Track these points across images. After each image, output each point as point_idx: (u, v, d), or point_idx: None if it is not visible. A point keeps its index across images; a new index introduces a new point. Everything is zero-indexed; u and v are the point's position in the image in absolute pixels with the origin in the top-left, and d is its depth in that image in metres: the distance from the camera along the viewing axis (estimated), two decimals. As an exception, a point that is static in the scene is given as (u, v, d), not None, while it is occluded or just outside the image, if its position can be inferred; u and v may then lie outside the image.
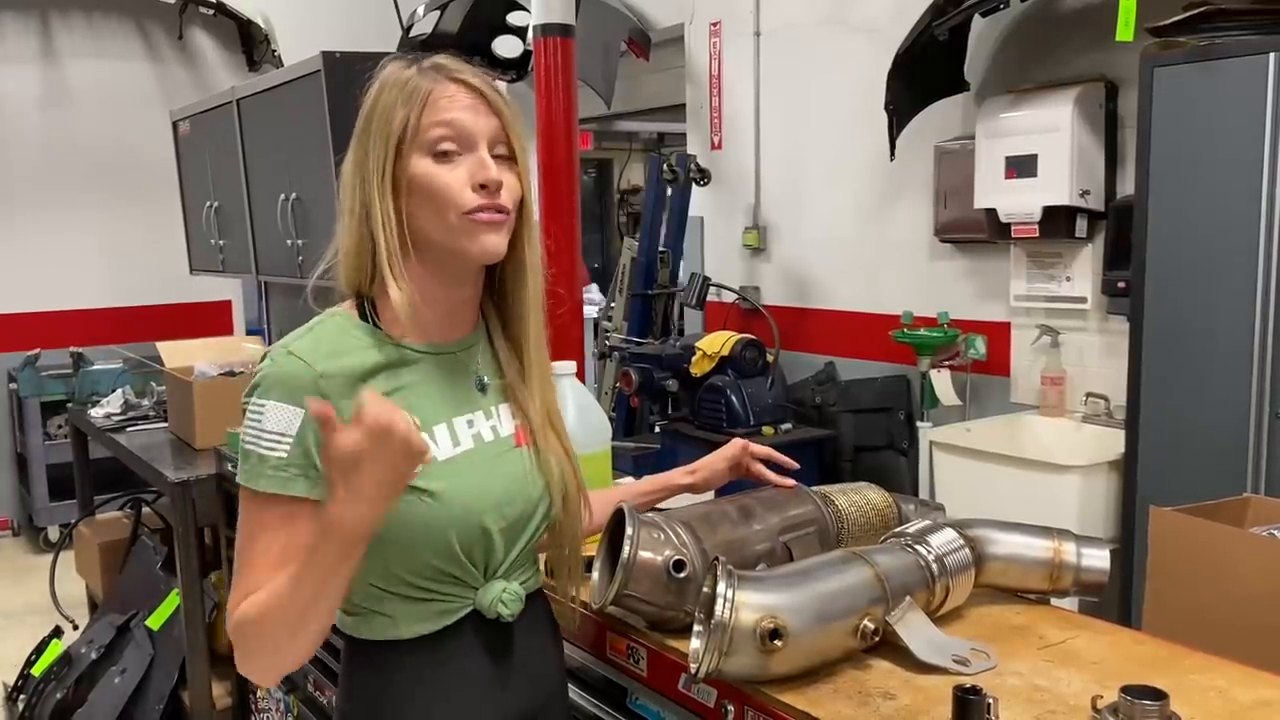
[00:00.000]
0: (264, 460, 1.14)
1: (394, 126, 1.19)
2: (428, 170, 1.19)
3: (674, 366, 3.98)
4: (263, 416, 1.14)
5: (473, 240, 1.20)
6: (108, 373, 4.13)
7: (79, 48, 5.92)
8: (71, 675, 3.16)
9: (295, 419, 1.14)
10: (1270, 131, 2.54)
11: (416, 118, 1.18)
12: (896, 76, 3.57)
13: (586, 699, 1.51)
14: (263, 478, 1.14)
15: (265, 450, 1.14)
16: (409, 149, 1.19)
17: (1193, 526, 1.71)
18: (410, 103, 1.19)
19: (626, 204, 9.28)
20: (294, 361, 1.16)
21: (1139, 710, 1.07)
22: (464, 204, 1.19)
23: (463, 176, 1.19)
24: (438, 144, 1.19)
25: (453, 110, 1.19)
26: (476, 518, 1.22)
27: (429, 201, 1.19)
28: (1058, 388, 3.48)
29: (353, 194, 1.22)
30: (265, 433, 1.14)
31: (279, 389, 1.15)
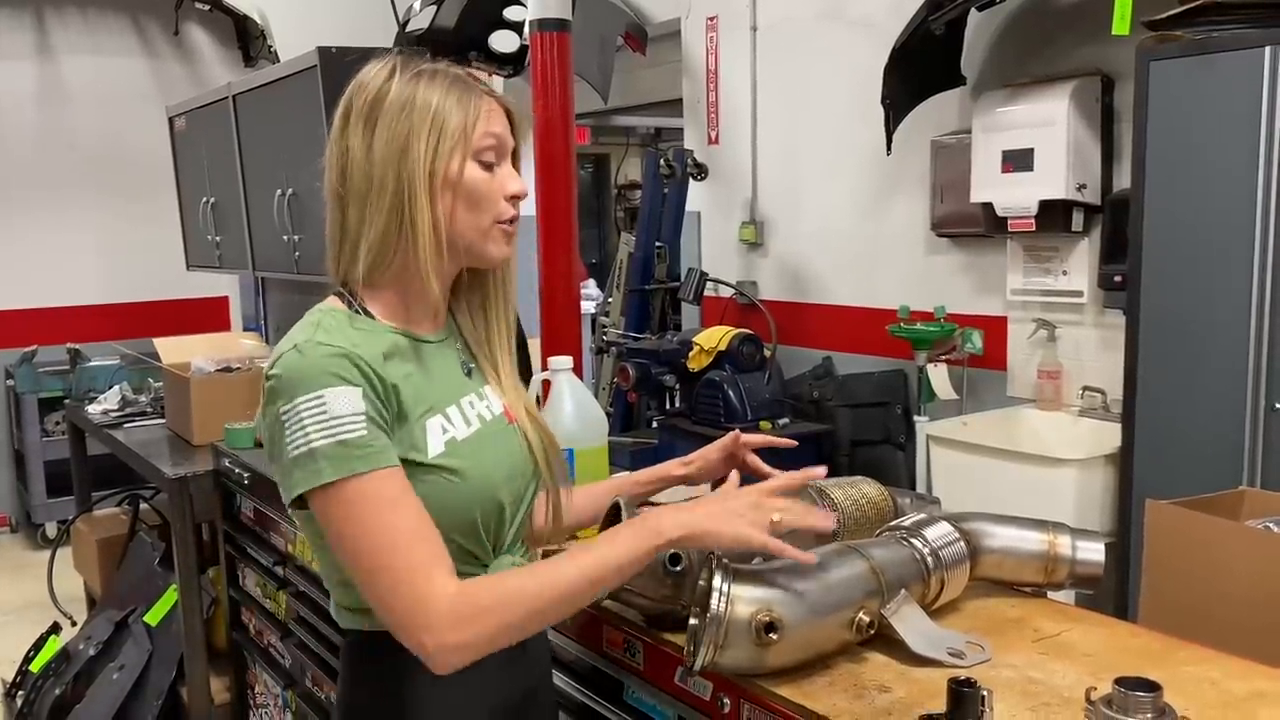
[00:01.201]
0: (348, 445, 1.11)
1: (450, 128, 1.22)
2: (476, 175, 1.24)
3: (671, 362, 3.98)
4: (326, 405, 1.12)
5: (497, 246, 1.28)
6: (105, 369, 4.13)
7: (74, 43, 5.91)
8: (70, 671, 3.16)
9: (356, 396, 1.13)
10: (1266, 125, 2.55)
11: (473, 125, 1.23)
12: (893, 71, 3.57)
13: (583, 692, 1.52)
14: (358, 460, 1.11)
15: (347, 434, 1.11)
16: (457, 152, 1.22)
17: (1189, 520, 1.71)
18: (466, 110, 1.23)
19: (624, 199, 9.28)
20: (325, 347, 1.15)
21: (1133, 702, 1.07)
22: (502, 213, 1.27)
23: (498, 186, 1.26)
24: (485, 153, 1.25)
25: (498, 124, 1.27)
26: (494, 493, 1.26)
27: (474, 205, 1.24)
28: (1054, 381, 3.48)
29: (382, 185, 1.21)
30: (337, 419, 1.11)
31: (329, 375, 1.13)
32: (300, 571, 2.46)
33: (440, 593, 1.10)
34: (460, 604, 1.10)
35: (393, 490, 1.13)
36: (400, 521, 1.12)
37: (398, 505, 1.13)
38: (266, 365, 1.18)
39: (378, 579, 1.11)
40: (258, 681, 2.84)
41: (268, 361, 1.19)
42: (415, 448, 1.19)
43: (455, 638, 1.09)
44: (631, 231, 4.74)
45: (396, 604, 1.10)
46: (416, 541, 1.12)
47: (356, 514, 1.11)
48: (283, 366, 1.14)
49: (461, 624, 1.09)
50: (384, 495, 1.12)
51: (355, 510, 1.11)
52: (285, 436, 1.12)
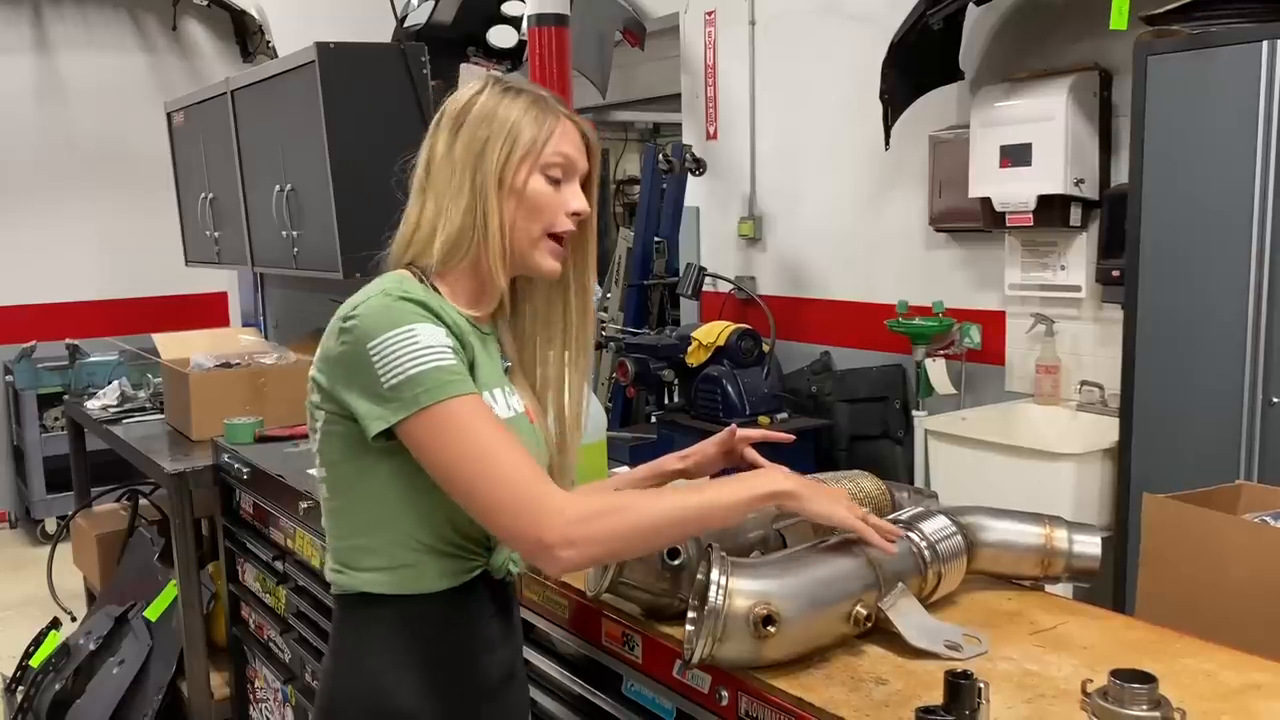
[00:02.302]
0: (443, 369, 1.19)
1: (522, 141, 1.31)
2: (540, 187, 1.32)
3: (670, 356, 3.98)
4: (417, 336, 1.19)
5: (544, 259, 1.34)
6: (104, 365, 4.13)
7: (72, 39, 5.90)
8: (70, 666, 3.16)
9: (442, 333, 1.22)
10: (1264, 120, 2.55)
11: (544, 141, 1.32)
12: (891, 65, 3.57)
13: (582, 686, 1.52)
14: (456, 384, 1.20)
15: (441, 360, 1.19)
16: (530, 165, 1.31)
17: (1186, 513, 1.72)
18: (539, 128, 1.32)
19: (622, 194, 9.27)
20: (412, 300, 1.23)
21: (1129, 694, 1.07)
22: (558, 225, 1.34)
23: (562, 202, 1.34)
24: (552, 167, 1.33)
25: (569, 145, 1.35)
26: None
27: (532, 214, 1.32)
28: (1052, 376, 3.49)
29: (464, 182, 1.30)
30: (429, 348, 1.19)
31: (416, 314, 1.22)
32: (299, 566, 2.46)
33: (558, 492, 1.18)
34: (580, 503, 1.17)
35: (487, 411, 1.22)
36: (503, 436, 1.20)
37: (496, 424, 1.21)
38: (345, 309, 1.25)
39: (494, 486, 1.17)
40: (258, 676, 2.85)
41: (346, 305, 1.25)
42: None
43: (576, 531, 1.15)
44: (630, 227, 4.74)
45: (516, 504, 1.16)
46: (522, 453, 1.19)
47: (462, 429, 1.18)
48: (368, 308, 1.22)
49: (582, 521, 1.15)
50: (482, 413, 1.21)
51: (460, 426, 1.18)
52: (376, 370, 1.19)
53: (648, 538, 1.23)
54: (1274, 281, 2.57)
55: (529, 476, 1.17)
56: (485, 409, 1.22)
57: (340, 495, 1.30)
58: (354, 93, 3.06)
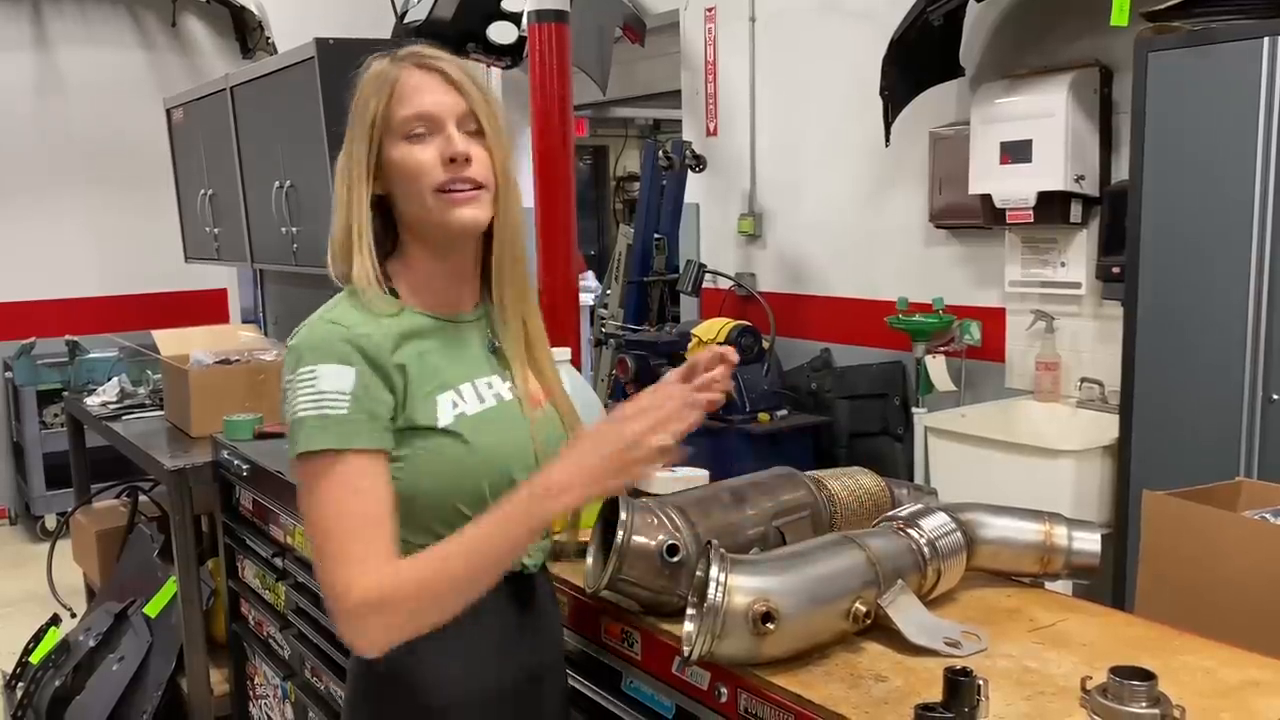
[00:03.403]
0: (329, 419, 1.17)
1: (369, 117, 1.26)
2: (404, 152, 1.25)
3: (670, 353, 3.98)
4: (316, 379, 1.18)
5: (449, 214, 1.26)
6: (104, 361, 4.13)
7: (71, 34, 5.89)
8: (69, 663, 3.16)
9: (348, 376, 1.18)
10: (1264, 116, 2.54)
11: (385, 105, 1.25)
12: (892, 62, 3.57)
13: (582, 682, 1.52)
14: (332, 435, 1.16)
15: (329, 409, 1.17)
16: (385, 137, 1.26)
17: (1186, 510, 1.72)
18: (380, 92, 1.26)
19: (622, 191, 9.28)
20: (333, 326, 1.22)
21: (1127, 691, 1.07)
22: (436, 180, 1.25)
23: (433, 154, 1.25)
24: (407, 127, 1.25)
25: (419, 94, 1.25)
26: (507, 468, 1.28)
27: (407, 182, 1.26)
28: (1052, 373, 3.48)
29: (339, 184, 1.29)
30: (324, 394, 1.17)
31: (327, 350, 1.20)
32: (299, 563, 2.46)
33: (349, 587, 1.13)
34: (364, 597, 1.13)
35: (357, 474, 1.17)
36: (351, 507, 1.16)
37: (356, 491, 1.16)
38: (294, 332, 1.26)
39: (318, 556, 1.16)
40: (257, 673, 2.85)
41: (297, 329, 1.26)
42: (424, 417, 1.24)
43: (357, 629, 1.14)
44: (630, 223, 4.74)
45: (324, 586, 1.16)
46: (360, 529, 1.15)
47: (317, 488, 1.17)
48: (299, 338, 1.23)
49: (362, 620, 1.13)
50: (346, 477, 1.16)
51: (317, 484, 1.17)
52: (285, 402, 1.20)
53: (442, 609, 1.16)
54: (1274, 279, 2.57)
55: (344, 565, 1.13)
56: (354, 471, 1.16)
57: None
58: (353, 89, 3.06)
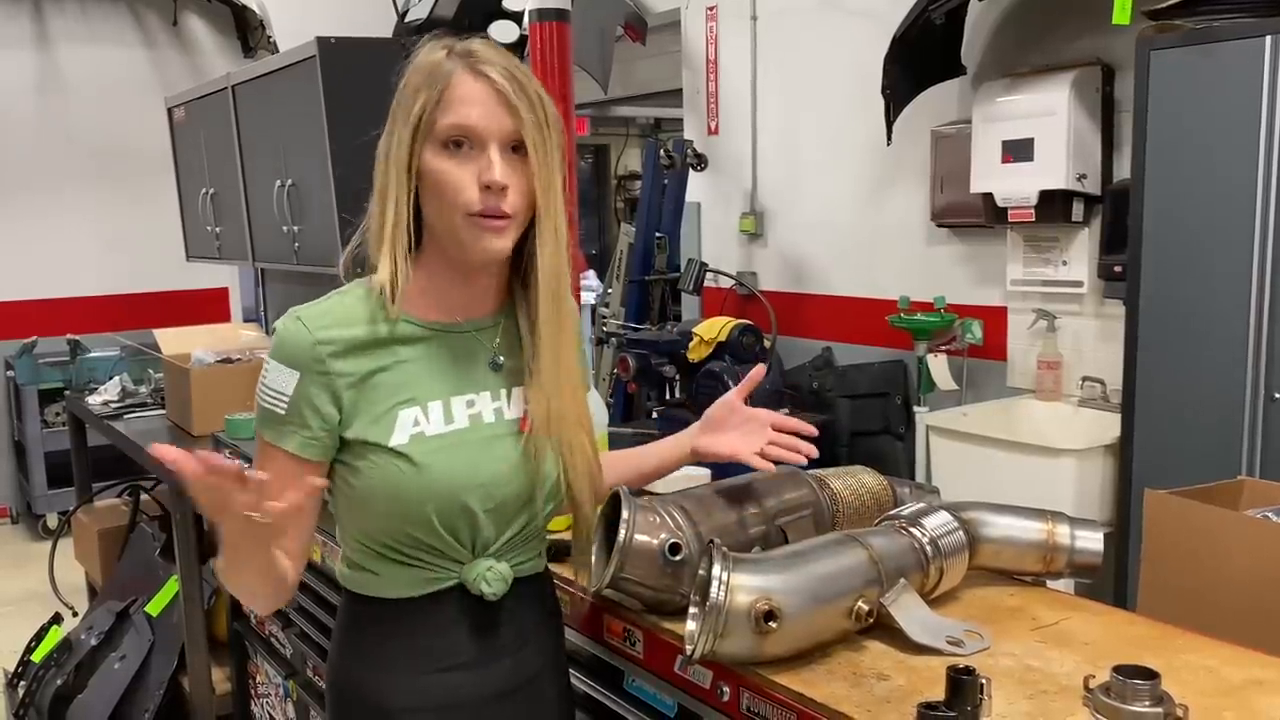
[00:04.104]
0: (267, 413, 1.24)
1: (414, 112, 1.19)
2: (438, 164, 1.19)
3: (671, 352, 3.98)
4: (268, 374, 1.24)
5: (474, 240, 1.20)
6: (105, 360, 4.13)
7: (72, 33, 5.89)
8: (71, 662, 3.16)
9: (291, 380, 1.22)
10: (1266, 115, 2.54)
11: (433, 107, 1.18)
12: (893, 61, 3.56)
13: (584, 681, 1.52)
14: (268, 429, 1.24)
15: (268, 404, 1.24)
16: (424, 137, 1.19)
17: (1188, 509, 1.71)
18: (431, 89, 1.19)
19: (623, 190, 9.27)
20: (298, 326, 1.23)
21: (1130, 690, 1.07)
22: (469, 205, 1.18)
23: (470, 174, 1.18)
24: (448, 136, 1.18)
25: (467, 105, 1.18)
26: (457, 495, 1.24)
27: (438, 196, 1.20)
28: (1054, 372, 3.48)
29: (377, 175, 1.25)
30: (269, 389, 1.24)
31: (281, 351, 1.23)
32: (301, 562, 2.46)
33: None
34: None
35: (274, 465, 1.22)
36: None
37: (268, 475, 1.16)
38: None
39: None
40: (259, 671, 2.85)
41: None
42: (378, 432, 1.23)
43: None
44: (631, 222, 4.73)
45: None
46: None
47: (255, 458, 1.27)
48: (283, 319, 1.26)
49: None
50: (268, 463, 1.23)
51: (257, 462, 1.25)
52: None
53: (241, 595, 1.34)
54: (1276, 277, 2.57)
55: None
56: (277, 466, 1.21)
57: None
58: (355, 88, 3.06)
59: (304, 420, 1.22)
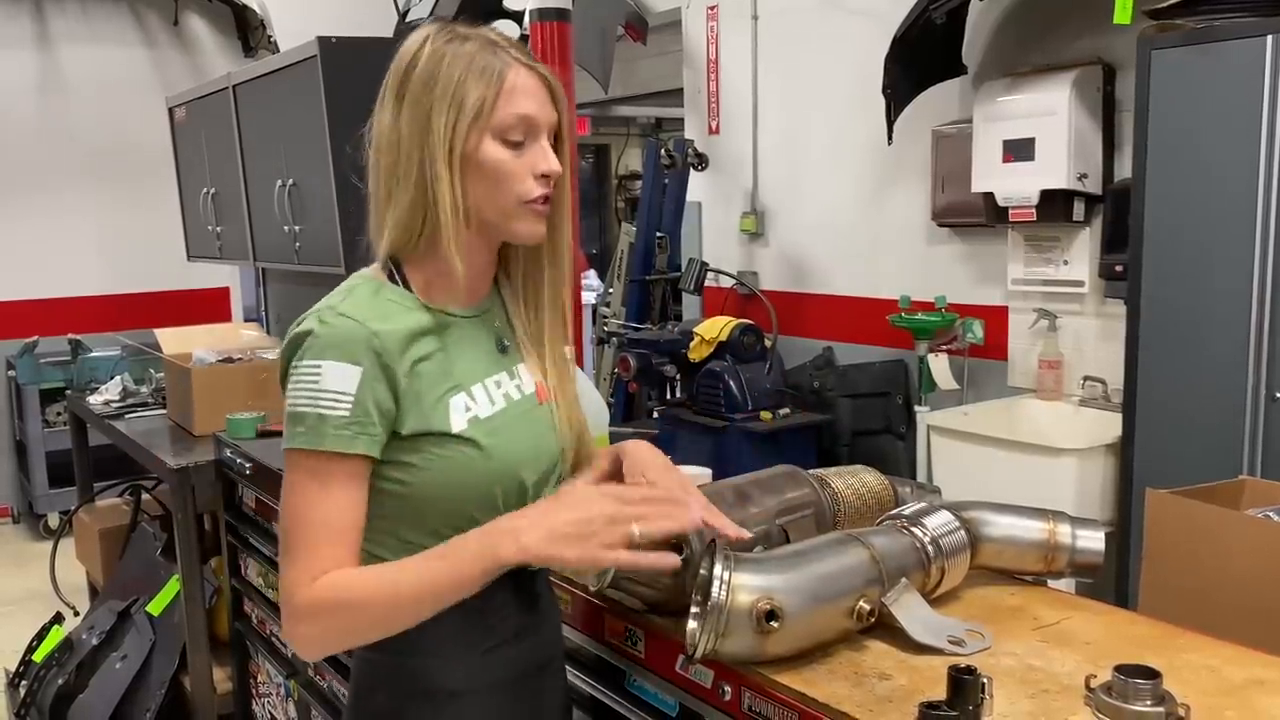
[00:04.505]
0: (324, 420, 1.14)
1: (468, 104, 1.19)
2: (499, 155, 1.21)
3: (672, 352, 3.98)
4: (320, 376, 1.15)
5: (525, 225, 1.25)
6: (106, 360, 4.13)
7: (73, 33, 5.90)
8: (72, 661, 3.17)
9: (354, 377, 1.15)
10: (1268, 114, 2.54)
11: (493, 101, 1.20)
12: (894, 60, 3.56)
13: (585, 680, 1.52)
14: (327, 437, 1.14)
15: (326, 409, 1.14)
16: (477, 128, 1.20)
17: (1189, 509, 1.71)
18: (487, 83, 1.20)
19: (624, 189, 9.28)
20: (347, 322, 1.18)
21: (1132, 689, 1.07)
22: (527, 193, 1.23)
23: (526, 164, 1.22)
24: (509, 131, 1.21)
25: (526, 99, 1.21)
26: (516, 471, 1.27)
27: (494, 184, 1.22)
28: (1055, 371, 3.48)
29: (409, 159, 1.21)
30: (325, 392, 1.15)
31: (335, 349, 1.16)
32: (302, 561, 2.47)
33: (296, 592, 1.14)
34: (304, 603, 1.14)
35: (339, 480, 1.16)
36: (323, 513, 1.15)
37: (332, 497, 1.15)
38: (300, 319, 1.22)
39: (281, 549, 1.17)
40: (260, 671, 2.85)
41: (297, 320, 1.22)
42: (438, 422, 1.21)
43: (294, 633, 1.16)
44: (632, 222, 4.74)
45: (280, 580, 1.16)
46: (324, 536, 1.15)
47: (297, 485, 1.16)
48: (306, 327, 1.19)
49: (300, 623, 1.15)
50: (327, 480, 1.15)
51: (298, 481, 1.16)
52: (287, 391, 1.18)
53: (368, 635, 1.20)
54: (1277, 276, 2.57)
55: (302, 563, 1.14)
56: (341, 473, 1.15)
57: None
58: (356, 88, 3.05)
59: (370, 419, 1.16)
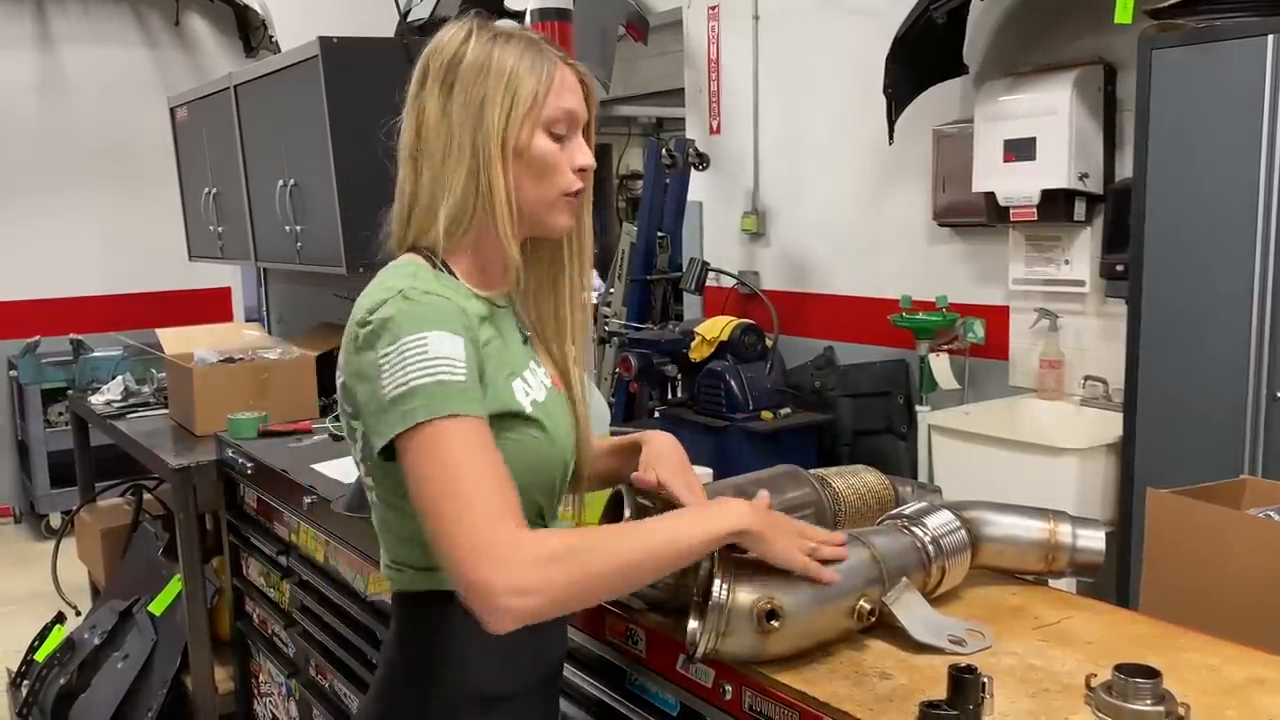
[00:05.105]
0: (446, 385, 1.11)
1: (522, 95, 1.22)
2: (548, 148, 1.24)
3: (673, 351, 3.98)
4: (428, 345, 1.11)
5: (562, 217, 1.28)
6: (108, 360, 4.13)
7: (75, 33, 5.90)
8: (74, 661, 3.17)
9: (460, 344, 1.13)
10: (1268, 114, 2.54)
11: (545, 94, 1.23)
12: (895, 60, 3.56)
13: (586, 680, 1.52)
14: (453, 400, 1.11)
15: (445, 375, 1.11)
16: (530, 119, 1.22)
17: (1190, 508, 1.71)
18: (539, 77, 1.23)
19: (625, 189, 9.29)
20: (434, 298, 1.16)
21: (1132, 688, 1.07)
22: (569, 185, 1.26)
23: (568, 158, 1.26)
24: (555, 124, 1.24)
25: (570, 95, 1.26)
26: (568, 456, 1.30)
27: (540, 175, 1.24)
28: (1056, 371, 3.48)
29: (460, 148, 1.21)
30: (439, 359, 1.11)
31: (433, 321, 1.13)
32: (303, 561, 2.47)
33: (521, 534, 1.08)
34: (540, 542, 1.08)
35: (482, 437, 1.12)
36: (485, 466, 1.11)
37: (487, 450, 1.12)
38: (359, 312, 1.17)
39: (456, 518, 1.08)
40: (262, 670, 2.85)
41: (359, 308, 1.17)
42: (512, 403, 1.22)
43: (531, 576, 1.05)
44: (633, 221, 4.74)
45: (472, 542, 1.06)
46: (499, 486, 1.10)
47: (444, 451, 1.09)
48: (385, 312, 1.14)
49: (539, 563, 1.06)
50: (474, 438, 1.11)
51: (443, 448, 1.09)
52: (383, 379, 1.12)
53: (608, 586, 1.14)
54: (1278, 275, 2.57)
55: (493, 515, 1.07)
56: (479, 435, 1.12)
57: (388, 501, 1.24)
58: (357, 87, 3.06)
59: (479, 384, 1.15)
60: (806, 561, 1.22)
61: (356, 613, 2.18)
